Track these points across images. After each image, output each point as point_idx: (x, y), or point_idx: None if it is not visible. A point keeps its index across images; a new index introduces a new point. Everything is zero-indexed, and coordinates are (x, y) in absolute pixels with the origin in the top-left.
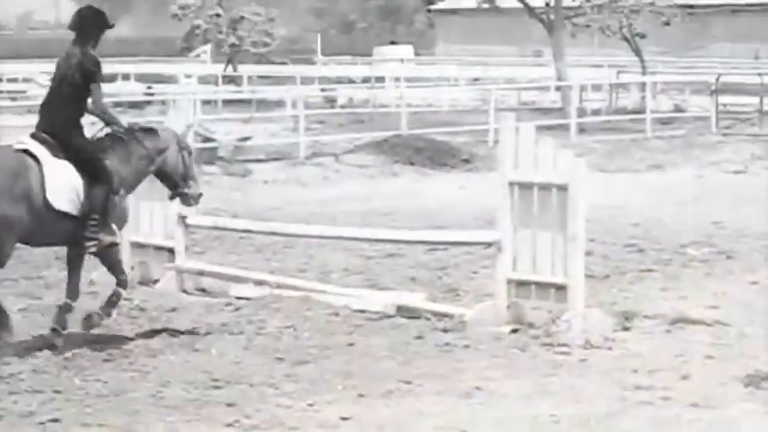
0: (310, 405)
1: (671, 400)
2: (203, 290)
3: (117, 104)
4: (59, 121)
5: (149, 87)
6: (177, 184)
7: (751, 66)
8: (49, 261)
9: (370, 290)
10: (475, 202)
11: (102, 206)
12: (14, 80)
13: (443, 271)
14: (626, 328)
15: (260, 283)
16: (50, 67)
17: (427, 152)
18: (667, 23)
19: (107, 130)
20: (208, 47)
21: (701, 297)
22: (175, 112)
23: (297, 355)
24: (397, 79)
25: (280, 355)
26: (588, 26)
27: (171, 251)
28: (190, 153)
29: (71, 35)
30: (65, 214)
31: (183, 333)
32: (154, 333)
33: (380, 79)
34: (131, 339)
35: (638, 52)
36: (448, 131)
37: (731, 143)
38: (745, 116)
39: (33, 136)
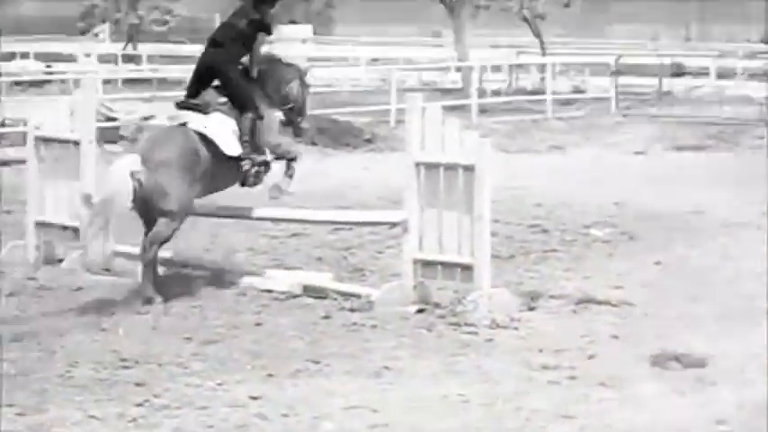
0: (219, 384)
1: (577, 379)
2: (108, 270)
3: (17, 83)
4: (223, 57)
5: (48, 66)
6: (295, 116)
7: (650, 47)
8: None
9: (276, 269)
10: (378, 181)
11: (251, 129)
12: None
13: (349, 251)
14: (532, 308)
15: (167, 262)
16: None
17: (330, 132)
18: (567, 5)
19: None
20: (106, 26)
21: (604, 277)
22: (81, 90)
23: (205, 334)
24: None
25: (188, 334)
26: (488, 6)
27: (76, 231)
28: (308, 91)
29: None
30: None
31: (90, 313)
32: (61, 312)
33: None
34: (38, 319)
35: (537, 33)
36: (350, 112)
37: (631, 124)
38: (644, 97)
39: (181, 106)
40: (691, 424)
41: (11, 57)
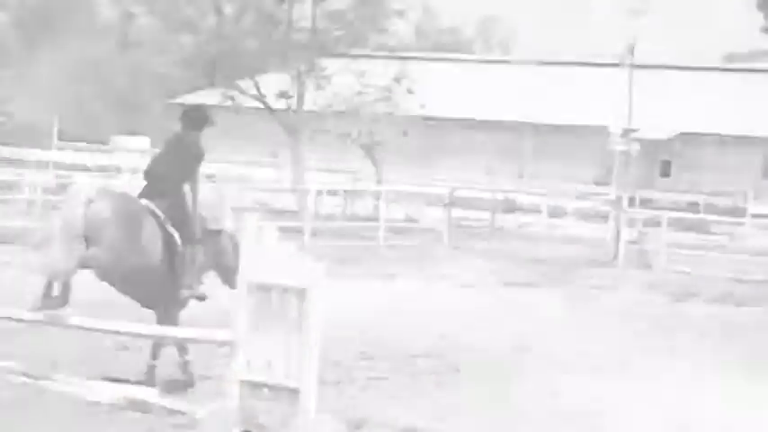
0: None
1: None
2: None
3: None
4: (169, 184)
5: None
6: (231, 276)
7: (484, 181)
8: None
9: (102, 381)
10: (208, 299)
11: (193, 259)
12: None
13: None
14: None
15: None
16: None
17: None
18: (405, 134)
19: None
20: None
21: (429, 408)
22: None
23: None
24: (135, 170)
25: None
26: (328, 131)
27: None
28: (239, 252)
29: None
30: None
31: None
32: None
33: (119, 168)
34: None
35: (374, 160)
36: None
37: (462, 257)
38: (476, 231)
39: (143, 195)
40: None
41: None
